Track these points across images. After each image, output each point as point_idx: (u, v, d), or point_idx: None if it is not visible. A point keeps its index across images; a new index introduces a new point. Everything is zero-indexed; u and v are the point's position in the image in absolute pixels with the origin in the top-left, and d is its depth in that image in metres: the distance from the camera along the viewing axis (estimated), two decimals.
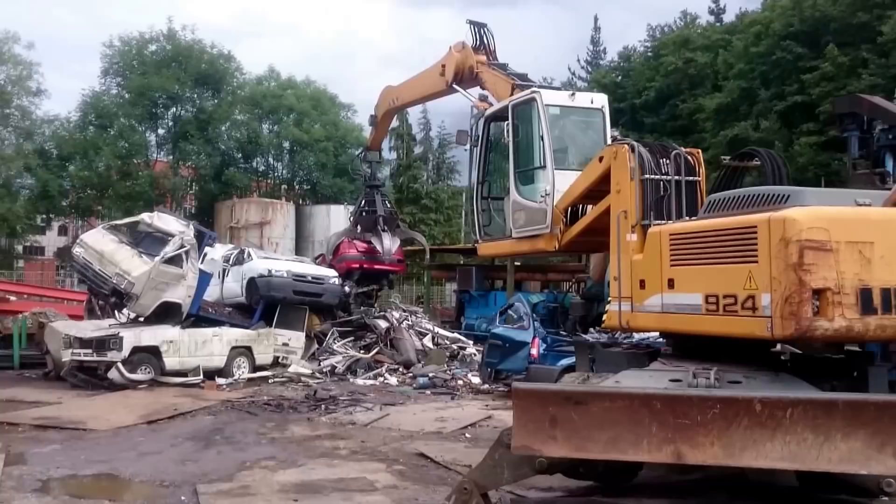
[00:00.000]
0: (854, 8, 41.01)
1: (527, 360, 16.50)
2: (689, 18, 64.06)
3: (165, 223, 18.51)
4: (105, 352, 17.12)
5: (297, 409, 15.05)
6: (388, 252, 22.94)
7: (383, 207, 23.99)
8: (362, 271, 23.03)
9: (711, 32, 54.47)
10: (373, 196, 24.06)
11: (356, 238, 23.47)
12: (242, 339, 19.42)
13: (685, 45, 51.88)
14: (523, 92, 11.89)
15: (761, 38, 44.39)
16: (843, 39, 40.67)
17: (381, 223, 23.31)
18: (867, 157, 17.42)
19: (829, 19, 41.57)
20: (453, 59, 17.10)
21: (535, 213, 11.08)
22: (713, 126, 43.01)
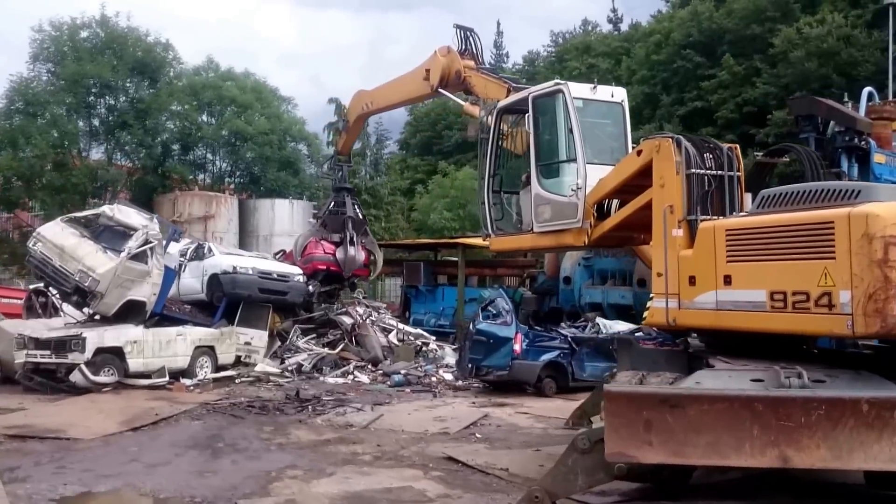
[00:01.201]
0: (747, 21, 43.01)
1: (510, 356, 16.31)
2: (590, 26, 66.13)
3: (127, 216, 17.48)
4: (66, 353, 16.02)
5: (284, 412, 14.42)
6: (350, 264, 22.35)
7: (353, 210, 23.34)
8: (328, 273, 22.34)
9: (611, 40, 56.18)
10: (343, 198, 23.45)
11: (323, 238, 22.75)
12: (206, 339, 18.56)
13: (587, 52, 53.17)
14: (546, 83, 11.59)
15: (662, 46, 46.03)
16: (737, 50, 42.62)
17: (350, 225, 22.65)
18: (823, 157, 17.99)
19: (725, 31, 43.51)
20: (439, 64, 16.95)
21: (563, 207, 10.83)
22: None
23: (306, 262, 21.97)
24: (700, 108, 40.47)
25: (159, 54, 31.33)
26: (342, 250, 22.47)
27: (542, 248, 12.53)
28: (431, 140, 58.57)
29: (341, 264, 22.43)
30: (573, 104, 10.73)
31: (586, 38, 59.95)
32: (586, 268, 22.98)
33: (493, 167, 12.47)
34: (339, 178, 23.62)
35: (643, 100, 43.16)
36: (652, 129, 41.82)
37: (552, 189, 11.10)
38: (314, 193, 34.09)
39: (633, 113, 41.17)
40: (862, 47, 39.45)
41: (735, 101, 40.39)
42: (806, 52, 39.68)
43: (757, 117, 39.69)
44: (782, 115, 39.50)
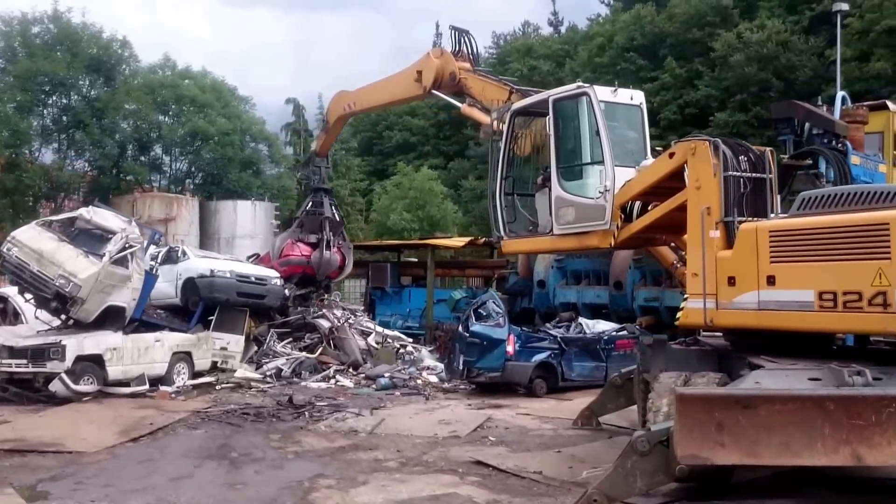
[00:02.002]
0: (688, 25, 44.10)
1: (504, 358, 16.27)
2: (531, 28, 66.78)
3: (104, 219, 16.85)
4: (44, 362, 15.35)
5: (281, 418, 14.07)
6: (324, 267, 22.00)
7: (331, 211, 22.93)
8: (304, 275, 21.94)
9: (552, 42, 56.90)
10: (321, 198, 23.05)
11: (300, 240, 22.31)
12: (183, 345, 17.99)
13: (529, 54, 53.74)
14: (567, 86, 11.57)
15: (605, 49, 46.82)
16: (679, 53, 43.65)
17: (327, 227, 22.26)
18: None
19: (667, 34, 44.51)
20: (432, 65, 16.80)
21: (589, 209, 10.81)
22: None
23: (283, 265, 21.53)
24: None
25: (116, 51, 30.23)
26: (318, 252, 22.08)
27: (562, 249, 12.56)
28: (372, 140, 58.38)
29: (316, 266, 22.07)
30: (599, 107, 10.71)
31: (527, 40, 60.43)
32: (559, 269, 23.11)
33: (505, 169, 12.40)
34: (318, 178, 23.18)
35: None
36: None
37: (575, 191, 11.08)
38: (275, 194, 33.42)
39: None
40: (800, 52, 40.76)
41: (677, 103, 41.22)
42: (746, 56, 40.84)
43: (699, 119, 40.51)
44: (724, 116, 40.54)
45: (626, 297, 21.35)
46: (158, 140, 32.00)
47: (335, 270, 22.97)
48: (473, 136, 54.89)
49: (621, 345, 18.00)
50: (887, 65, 36.30)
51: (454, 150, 53.51)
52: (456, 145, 53.92)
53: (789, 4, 43.86)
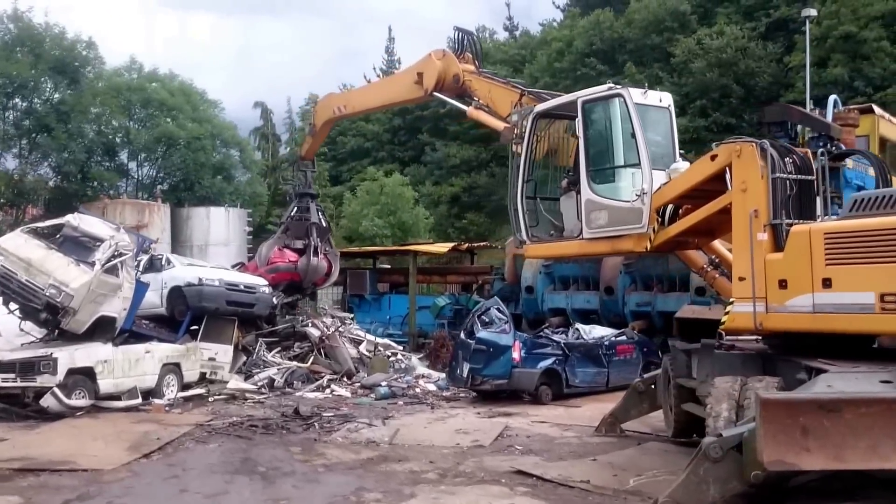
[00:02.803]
0: (647, 31, 44.54)
1: (511, 365, 16.07)
2: (487, 33, 66.87)
3: (91, 226, 16.19)
4: (34, 376, 14.62)
5: (291, 430, 13.65)
6: (311, 273, 21.58)
7: (317, 216, 22.46)
8: (290, 282, 21.46)
9: (508, 47, 57.03)
10: (307, 204, 22.57)
11: (286, 246, 21.80)
12: (173, 356, 17.40)
13: (486, 59, 53.76)
14: (597, 87, 11.44)
15: (564, 54, 46.99)
16: (638, 58, 44.01)
17: (314, 233, 21.78)
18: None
19: (626, 40, 44.84)
20: (434, 67, 16.56)
21: (624, 212, 10.68)
22: None
23: (271, 272, 21.03)
24: None
25: (80, 53, 29.23)
26: (305, 258, 21.62)
27: (592, 254, 12.34)
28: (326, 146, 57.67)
29: (303, 273, 21.61)
30: (635, 109, 10.60)
31: (483, 45, 60.34)
32: (547, 275, 23.01)
33: (527, 173, 12.23)
34: (303, 183, 22.68)
35: None
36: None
37: (607, 194, 10.95)
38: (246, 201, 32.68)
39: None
40: (759, 59, 41.41)
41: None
42: (706, 62, 41.29)
43: None
44: (685, 121, 40.75)
45: (618, 302, 21.34)
46: (126, 144, 31.00)
47: (321, 277, 22.52)
48: (429, 142, 54.94)
49: (622, 350, 17.97)
50: (844, 70, 37.05)
51: (410, 155, 53.13)
52: (411, 151, 53.60)
53: (746, 11, 44.52)
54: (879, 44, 36.24)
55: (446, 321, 25.18)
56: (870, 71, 36.08)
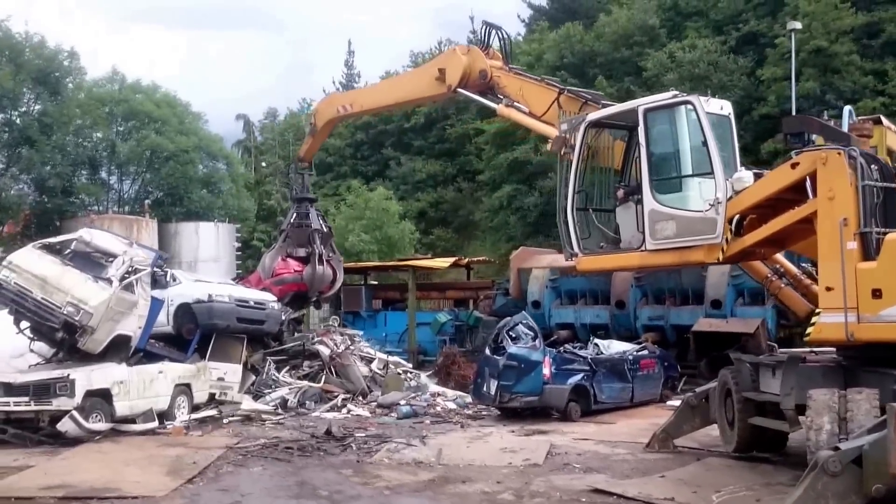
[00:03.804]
0: (617, 45, 44.77)
1: (541, 381, 15.73)
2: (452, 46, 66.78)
3: (104, 241, 15.53)
4: (49, 399, 13.87)
5: (329, 452, 13.12)
6: (318, 282, 21.06)
7: (318, 222, 21.86)
8: (296, 293, 20.86)
9: None
10: (306, 209, 21.84)
11: (289, 255, 21.16)
12: (185, 376, 16.74)
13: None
14: (660, 95, 11.21)
15: (534, 68, 46.99)
16: (608, 72, 44.12)
17: (318, 240, 21.21)
18: None
19: (596, 54, 44.98)
20: (459, 63, 15.91)
21: (695, 222, 10.44)
22: (493, 149, 44.73)
23: (277, 284, 20.37)
24: None
25: (62, 63, 28.22)
26: (310, 267, 20.98)
27: (655, 266, 12.06)
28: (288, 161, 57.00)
29: (308, 282, 20.95)
30: (707, 117, 10.39)
31: None
32: (553, 289, 22.78)
33: (577, 183, 11.96)
34: (301, 187, 21.99)
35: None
36: (527, 150, 42.71)
37: (675, 204, 10.70)
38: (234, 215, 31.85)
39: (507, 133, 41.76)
40: (730, 72, 41.85)
41: None
42: (679, 75, 41.40)
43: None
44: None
45: (629, 316, 21.18)
46: (112, 158, 30.00)
47: (327, 285, 21.87)
48: (393, 156, 54.49)
49: (645, 364, 17.75)
50: (816, 84, 37.62)
51: (373, 170, 52.52)
52: (375, 166, 53.04)
53: (716, 25, 44.99)
54: (850, 57, 36.83)
55: (448, 337, 24.78)
56: (841, 84, 36.61)
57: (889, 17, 37.39)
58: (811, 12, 36.05)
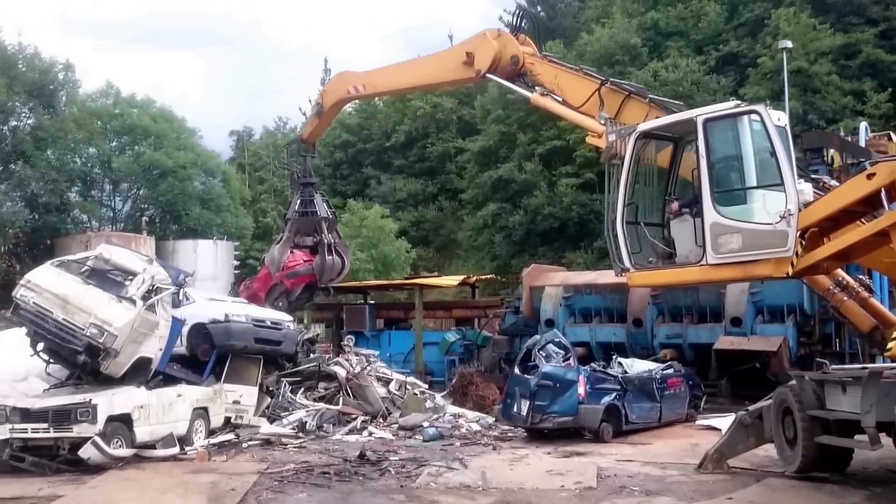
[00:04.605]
0: (598, 63, 44.66)
1: (576, 401, 15.36)
2: None
3: (123, 258, 14.94)
4: (70, 425, 13.25)
5: (367, 476, 12.64)
6: (327, 272, 20.50)
7: (324, 209, 21.20)
8: (308, 284, 20.25)
9: None
10: (311, 195, 21.07)
11: (297, 246, 20.50)
12: (202, 399, 16.15)
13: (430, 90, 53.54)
14: (721, 105, 10.97)
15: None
16: None
17: (325, 228, 20.54)
18: None
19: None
20: (490, 47, 15.28)
21: (764, 235, 10.16)
22: (476, 168, 44.53)
23: (290, 277, 19.77)
24: (559, 147, 41.23)
25: (56, 76, 27.45)
26: (320, 257, 20.39)
27: (716, 281, 11.78)
28: None
29: (318, 273, 20.44)
30: (774, 128, 10.15)
31: None
32: (567, 307, 22.46)
33: (627, 196, 11.67)
34: (304, 171, 21.25)
35: (498, 139, 43.67)
36: (511, 168, 42.49)
37: (740, 217, 10.43)
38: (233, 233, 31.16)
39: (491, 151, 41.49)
40: (713, 92, 42.04)
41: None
42: (662, 94, 41.47)
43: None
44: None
45: (646, 334, 20.91)
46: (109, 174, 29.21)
47: (335, 274, 21.33)
48: (373, 175, 54.02)
49: (672, 383, 17.44)
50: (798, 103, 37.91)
51: (353, 189, 52.08)
52: (354, 185, 52.64)
53: (696, 45, 45.25)
54: (829, 78, 37.18)
55: (457, 357, 24.34)
56: (822, 104, 36.94)
57: (865, 38, 37.93)
58: (790, 33, 36.26)
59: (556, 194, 39.35)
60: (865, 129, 19.22)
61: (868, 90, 36.06)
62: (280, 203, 36.32)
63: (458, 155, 49.21)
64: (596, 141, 13.06)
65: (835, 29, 38.12)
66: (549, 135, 41.52)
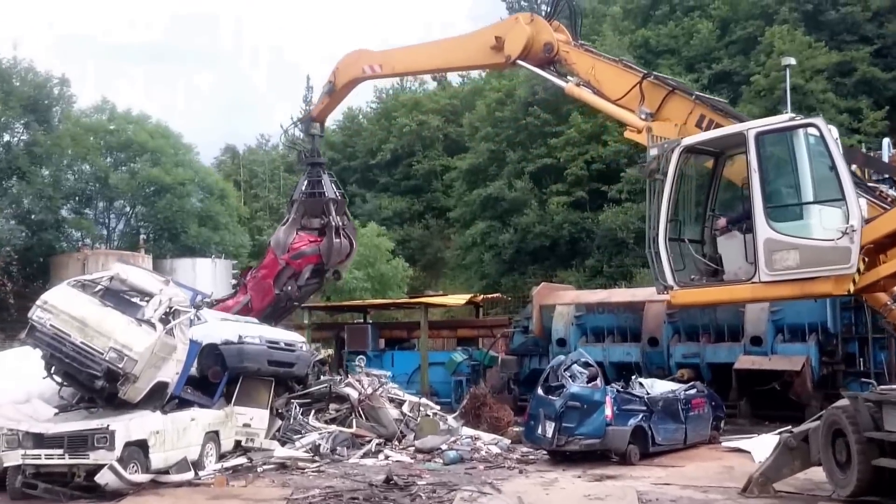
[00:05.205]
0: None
1: (604, 422, 14.96)
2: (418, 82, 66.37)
3: (139, 278, 14.43)
4: (86, 451, 12.71)
5: (398, 501, 12.24)
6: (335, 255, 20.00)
7: (332, 189, 20.58)
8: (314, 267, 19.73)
9: (439, 97, 56.73)
10: (318, 175, 20.41)
11: (303, 228, 19.93)
12: (214, 423, 15.63)
13: (416, 108, 53.38)
14: (773, 118, 10.69)
15: (506, 104, 46.58)
16: (582, 109, 43.65)
17: (333, 209, 19.97)
18: None
19: None
20: (523, 32, 14.48)
21: (825, 251, 9.85)
22: (464, 186, 44.28)
23: (296, 258, 19.28)
24: (549, 165, 40.94)
25: (52, 91, 26.80)
26: (327, 240, 19.76)
27: (768, 298, 11.49)
28: None
29: (326, 256, 19.81)
30: (834, 141, 9.88)
31: (415, 95, 59.54)
32: (578, 326, 22.11)
33: (670, 212, 11.35)
34: (312, 150, 20.55)
35: (488, 157, 43.48)
36: (501, 186, 42.16)
37: (797, 233, 10.12)
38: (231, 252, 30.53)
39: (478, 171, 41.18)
40: None
41: (584, 159, 40.95)
42: None
43: (606, 175, 40.38)
44: (635, 172, 40.50)
45: (662, 353, 20.58)
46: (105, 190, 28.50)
47: (342, 258, 20.70)
48: (358, 193, 53.39)
49: (696, 404, 17.09)
50: None
51: None
52: None
53: (688, 63, 45.24)
54: (825, 95, 37.28)
55: (464, 378, 23.87)
56: None
57: (861, 56, 38.10)
58: (785, 51, 36.33)
59: (547, 212, 39.03)
60: (888, 146, 19.03)
61: (864, 108, 36.14)
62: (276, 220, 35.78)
63: (444, 173, 48.93)
64: (634, 136, 12.60)
65: (829, 47, 38.24)
66: (538, 153, 41.36)
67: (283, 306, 20.94)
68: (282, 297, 20.28)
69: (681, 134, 11.84)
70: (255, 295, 20.62)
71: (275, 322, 20.11)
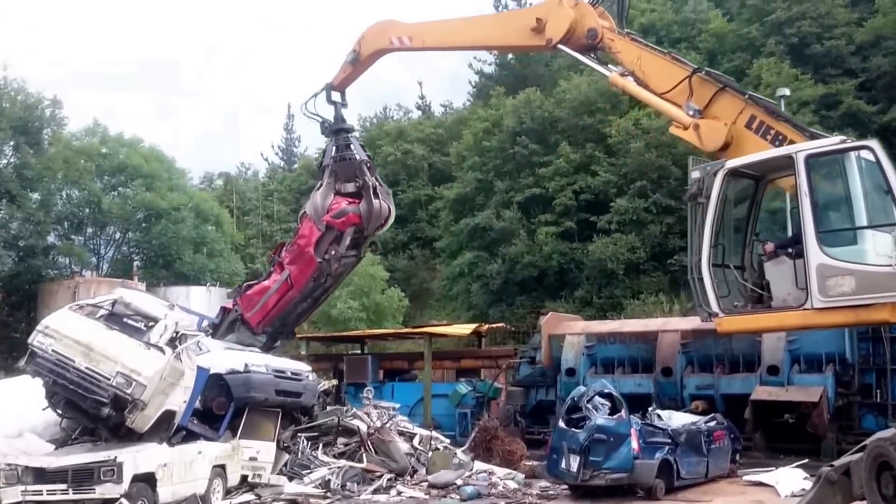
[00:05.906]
0: (578, 111, 44.32)
1: (631, 455, 14.44)
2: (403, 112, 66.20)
3: (143, 303, 13.84)
4: (92, 485, 12.10)
5: None
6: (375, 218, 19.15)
7: (362, 152, 19.74)
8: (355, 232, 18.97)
9: (424, 126, 56.52)
10: (347, 140, 19.57)
11: (338, 193, 19.04)
12: (221, 456, 14.98)
13: (401, 137, 53.10)
14: (823, 141, 10.36)
15: (493, 133, 46.34)
16: (571, 138, 43.57)
17: (367, 171, 19.13)
18: None
19: (557, 119, 44.48)
20: (566, 15, 13.73)
21: (882, 277, 9.47)
22: (451, 216, 43.92)
23: (338, 216, 18.50)
24: (538, 195, 40.68)
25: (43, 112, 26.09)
26: (365, 202, 18.82)
27: (820, 326, 10.98)
28: None
29: (366, 218, 18.85)
30: (890, 165, 9.55)
31: (399, 124, 59.32)
32: (588, 356, 21.63)
33: (714, 237, 10.97)
34: (336, 117, 19.67)
35: (475, 187, 43.20)
36: (489, 216, 41.75)
37: (852, 258, 9.74)
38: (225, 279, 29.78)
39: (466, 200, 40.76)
40: None
41: (572, 189, 40.73)
42: (645, 143, 40.86)
43: (595, 205, 40.12)
44: (624, 202, 40.20)
45: (676, 384, 20.12)
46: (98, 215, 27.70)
47: (382, 222, 19.62)
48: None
49: (717, 436, 16.63)
50: None
51: None
52: None
53: None
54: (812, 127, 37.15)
55: (469, 410, 23.24)
56: None
57: (846, 89, 38.31)
58: (773, 83, 36.39)
59: (536, 243, 38.64)
60: None
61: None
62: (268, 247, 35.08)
63: (429, 202, 48.49)
64: (679, 132, 12.08)
65: (814, 80, 38.45)
66: (527, 182, 41.09)
67: (324, 283, 19.82)
68: (324, 266, 19.16)
69: (730, 134, 11.44)
70: (294, 269, 19.41)
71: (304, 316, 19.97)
